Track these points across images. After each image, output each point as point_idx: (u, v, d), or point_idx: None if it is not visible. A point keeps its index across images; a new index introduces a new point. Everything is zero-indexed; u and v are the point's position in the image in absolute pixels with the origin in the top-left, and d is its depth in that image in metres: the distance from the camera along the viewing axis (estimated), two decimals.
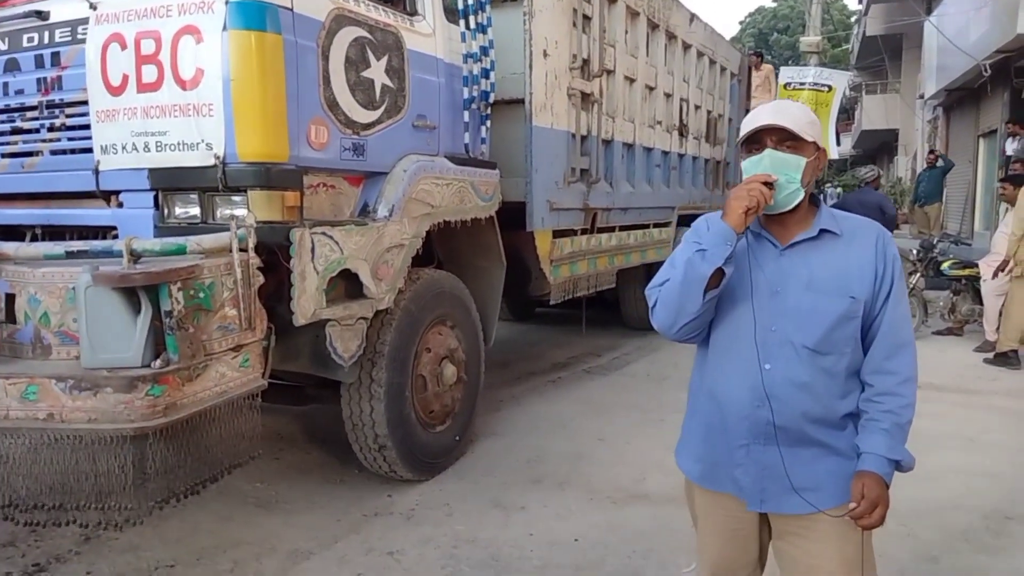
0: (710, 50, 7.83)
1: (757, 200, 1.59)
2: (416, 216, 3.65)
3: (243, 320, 2.78)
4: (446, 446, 4.04)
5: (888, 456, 1.64)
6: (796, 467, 1.67)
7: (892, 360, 1.67)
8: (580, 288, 5.57)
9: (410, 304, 3.67)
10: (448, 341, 3.99)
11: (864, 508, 1.60)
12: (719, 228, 1.61)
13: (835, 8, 29.09)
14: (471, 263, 4.47)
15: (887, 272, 1.68)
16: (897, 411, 1.65)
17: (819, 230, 1.69)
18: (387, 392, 3.53)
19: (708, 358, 1.78)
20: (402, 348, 3.63)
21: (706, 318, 1.70)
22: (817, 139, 1.67)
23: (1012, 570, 3.02)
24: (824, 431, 1.67)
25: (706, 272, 1.59)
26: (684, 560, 3.05)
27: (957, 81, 13.60)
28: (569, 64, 4.95)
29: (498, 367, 6.34)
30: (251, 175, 2.93)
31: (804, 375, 1.64)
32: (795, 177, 1.63)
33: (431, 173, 3.75)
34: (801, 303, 1.65)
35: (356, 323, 3.33)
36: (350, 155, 3.33)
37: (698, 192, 7.87)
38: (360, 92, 3.34)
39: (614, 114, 5.77)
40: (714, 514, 1.83)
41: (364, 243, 3.32)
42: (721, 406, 1.73)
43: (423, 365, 3.81)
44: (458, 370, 4.04)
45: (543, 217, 4.75)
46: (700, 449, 1.83)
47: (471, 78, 4.00)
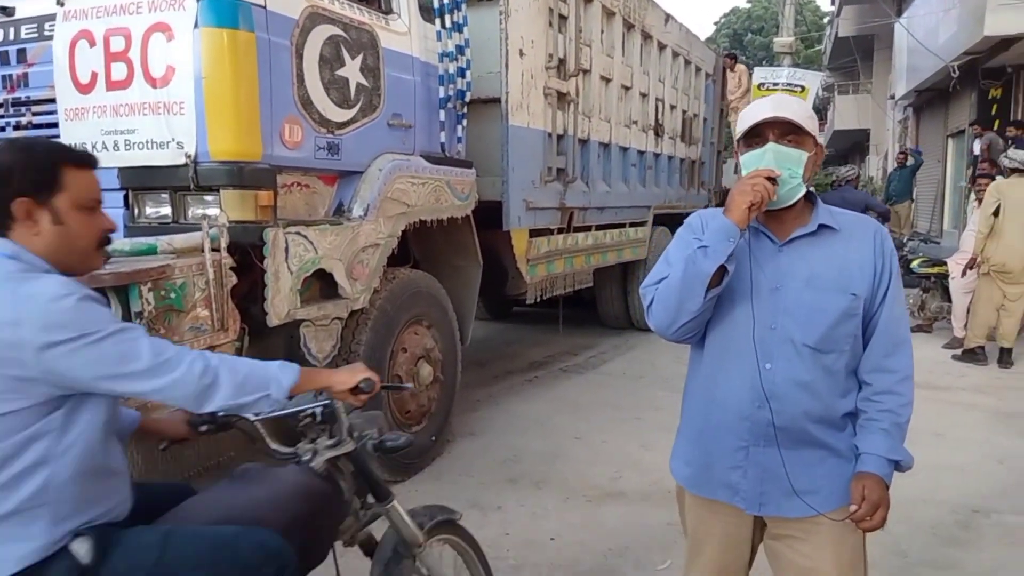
0: (685, 50, 7.90)
1: (761, 195, 1.54)
2: (392, 215, 3.64)
3: (215, 321, 2.75)
4: (423, 446, 4.03)
5: (888, 456, 1.61)
6: (796, 469, 1.63)
7: (891, 358, 1.64)
8: (557, 287, 5.60)
9: (385, 304, 3.66)
10: (424, 341, 3.98)
11: (865, 510, 1.57)
12: (722, 224, 1.55)
13: (808, 9, 29.45)
14: (447, 262, 4.47)
15: (886, 268, 1.65)
16: (896, 410, 1.62)
17: (818, 225, 1.65)
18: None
19: (705, 358, 1.73)
20: (377, 348, 3.61)
21: (705, 317, 1.65)
22: (816, 133, 1.64)
23: (979, 562, 3.08)
24: (825, 431, 1.64)
25: (709, 269, 1.54)
26: (659, 557, 3.11)
27: (927, 82, 13.83)
28: (545, 63, 4.96)
29: (475, 366, 6.34)
30: (223, 174, 2.90)
31: (805, 374, 1.61)
32: (797, 172, 1.59)
33: (407, 172, 3.74)
34: (802, 300, 1.61)
35: (331, 323, 3.31)
36: (325, 154, 3.31)
37: (674, 191, 7.94)
38: (335, 91, 3.32)
39: (590, 113, 5.80)
40: (709, 520, 1.77)
41: (339, 243, 3.31)
42: (720, 407, 1.68)
43: (399, 365, 3.80)
44: (434, 370, 4.03)
45: (520, 216, 4.76)
46: (690, 452, 1.78)
47: (447, 77, 4.00)
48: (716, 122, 9.22)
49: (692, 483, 1.78)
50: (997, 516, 3.47)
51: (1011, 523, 3.38)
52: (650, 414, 5.04)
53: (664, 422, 4.78)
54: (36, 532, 1.37)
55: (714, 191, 9.45)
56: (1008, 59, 11.15)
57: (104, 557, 1.40)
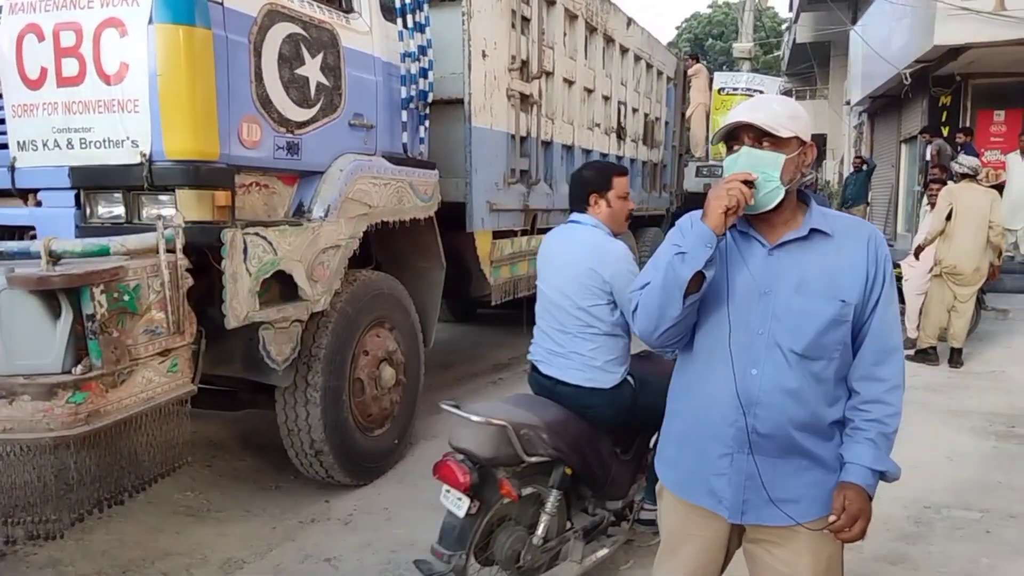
0: (647, 54, 8.00)
1: (737, 200, 1.51)
2: (353, 216, 3.61)
3: (171, 324, 2.70)
4: (385, 449, 4.00)
5: (873, 467, 1.59)
6: (777, 478, 1.61)
7: (880, 366, 1.61)
8: (521, 289, 5.61)
9: (347, 306, 3.62)
10: (386, 343, 3.95)
11: (844, 522, 1.56)
12: (698, 230, 1.54)
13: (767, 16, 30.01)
14: (410, 264, 4.45)
15: (878, 274, 1.61)
16: (884, 420, 1.60)
17: (809, 230, 1.61)
18: (323, 396, 3.47)
19: (691, 362, 1.71)
20: (339, 351, 3.58)
21: (688, 323, 1.63)
22: (800, 133, 1.60)
23: (929, 555, 3.17)
24: (810, 439, 1.61)
25: (686, 276, 1.53)
26: (622, 557, 3.11)
27: (880, 88, 14.19)
28: (508, 65, 4.98)
29: (439, 368, 6.31)
30: (179, 173, 2.84)
31: (792, 381, 1.58)
32: (773, 175, 1.56)
33: (368, 173, 3.71)
34: (790, 306, 1.58)
35: (291, 326, 3.26)
36: (284, 154, 3.26)
37: (636, 194, 8.01)
38: (294, 90, 3.28)
39: (553, 116, 5.83)
40: (689, 523, 1.76)
41: (299, 244, 3.27)
42: (705, 412, 1.66)
43: (360, 368, 3.76)
44: (397, 372, 4.01)
45: (483, 218, 4.77)
46: (675, 455, 1.77)
47: (409, 77, 3.98)
48: (677, 125, 9.36)
49: (677, 487, 1.77)
50: (947, 511, 3.58)
51: (960, 518, 3.46)
52: None
53: None
54: (621, 370, 2.67)
55: (676, 194, 9.59)
56: (957, 68, 11.48)
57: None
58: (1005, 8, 9.54)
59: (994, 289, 7.57)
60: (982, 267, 6.28)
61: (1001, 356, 6.77)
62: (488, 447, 2.33)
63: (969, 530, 3.37)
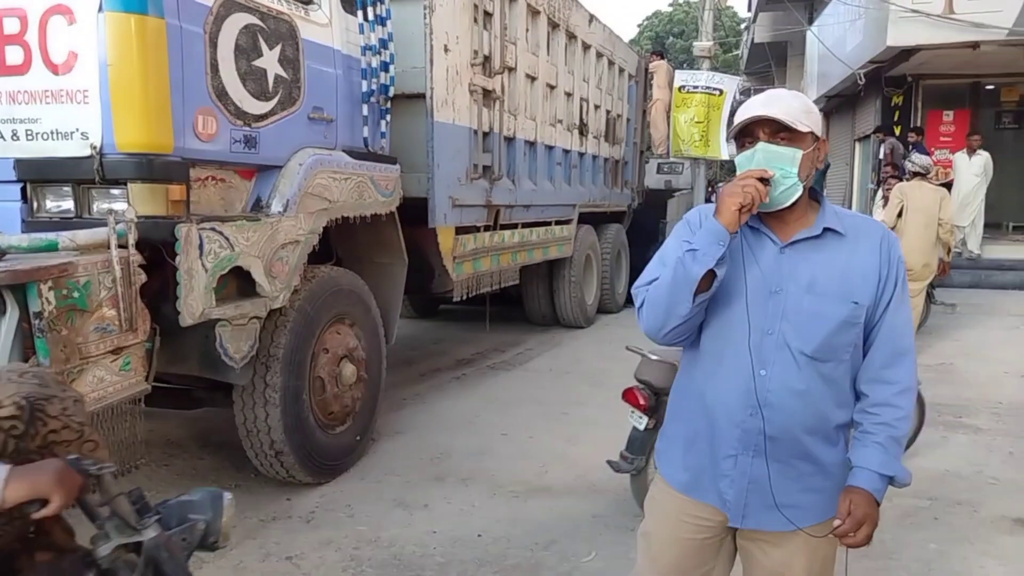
0: (609, 51, 8.04)
1: (752, 197, 1.46)
2: (312, 211, 3.56)
3: (123, 321, 2.63)
4: (347, 446, 3.96)
5: (881, 471, 1.54)
6: (781, 482, 1.57)
7: (891, 369, 1.57)
8: (483, 285, 5.61)
9: (306, 303, 3.57)
10: (347, 340, 3.90)
11: (849, 526, 1.52)
12: (711, 227, 1.48)
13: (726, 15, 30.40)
14: (372, 260, 4.40)
15: (891, 276, 1.56)
16: (893, 423, 1.56)
17: (823, 228, 1.56)
18: (282, 395, 3.42)
19: (698, 361, 1.65)
20: (298, 348, 3.52)
21: (696, 321, 1.57)
22: (815, 128, 1.55)
23: (880, 542, 3.18)
24: (815, 443, 1.57)
25: (697, 274, 1.47)
26: (585, 549, 3.15)
27: (836, 88, 14.47)
28: (470, 60, 4.95)
29: (402, 365, 6.29)
30: (131, 167, 2.77)
31: (801, 382, 1.54)
32: (791, 172, 1.51)
33: (328, 167, 3.66)
34: (801, 306, 1.53)
35: (248, 323, 3.20)
36: (241, 147, 3.20)
37: (598, 190, 8.08)
38: (251, 82, 3.22)
39: (516, 111, 5.83)
40: (683, 523, 1.69)
41: (257, 239, 3.21)
42: (711, 412, 1.60)
43: (321, 366, 3.71)
44: (358, 369, 3.96)
45: (445, 213, 4.74)
46: (686, 457, 1.69)
47: (370, 71, 3.93)
48: (639, 123, 9.43)
49: (686, 488, 1.69)
50: (898, 500, 3.64)
51: (910, 505, 3.53)
52: (575, 409, 5.11)
53: (589, 417, 4.90)
54: None
55: (637, 190, 9.67)
56: (908, 68, 11.74)
57: None
58: (954, 12, 9.78)
59: (943, 284, 7.76)
60: (931, 263, 6.44)
61: (950, 349, 6.93)
62: (662, 379, 3.08)
63: (918, 517, 3.45)
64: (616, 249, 8.75)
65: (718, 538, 1.68)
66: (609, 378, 5.83)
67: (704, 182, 10.68)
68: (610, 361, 6.47)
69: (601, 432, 4.54)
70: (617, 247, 8.80)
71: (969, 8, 9.65)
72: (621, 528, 3.31)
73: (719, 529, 1.67)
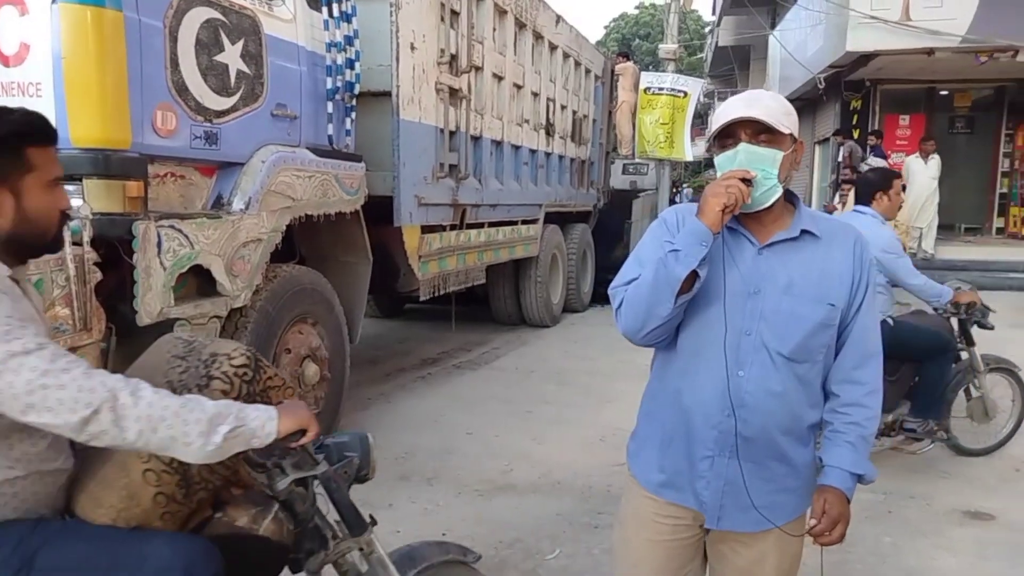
0: (575, 52, 8.07)
1: (735, 197, 1.45)
2: (275, 209, 3.50)
3: (77, 320, 2.56)
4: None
5: (852, 470, 1.58)
6: (755, 483, 1.57)
7: (860, 370, 1.59)
8: (449, 284, 5.59)
9: (268, 302, 3.52)
10: (310, 339, 3.86)
11: (825, 525, 1.54)
12: (694, 227, 1.46)
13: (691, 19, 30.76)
14: (336, 258, 4.36)
15: (863, 279, 1.58)
16: (863, 423, 1.58)
17: (800, 231, 1.57)
18: None
19: (674, 361, 1.63)
20: (260, 348, 3.46)
21: (675, 322, 1.56)
22: (794, 130, 1.55)
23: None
24: (790, 443, 1.59)
25: (680, 274, 1.46)
26: (549, 547, 3.15)
27: (797, 92, 14.69)
28: (437, 58, 4.93)
29: (367, 364, 6.23)
30: (86, 162, 2.70)
31: (778, 383, 1.54)
32: (772, 172, 1.51)
33: (292, 164, 3.61)
34: (779, 307, 1.54)
35: (208, 322, 3.15)
36: (202, 143, 3.14)
37: (564, 190, 8.10)
38: (213, 77, 3.16)
39: (483, 111, 5.82)
40: (660, 525, 1.67)
41: (218, 237, 3.15)
42: (688, 413, 1.59)
43: (283, 366, 3.66)
44: (321, 368, 3.92)
45: (411, 212, 4.71)
46: (661, 459, 1.66)
47: (335, 68, 3.89)
48: (605, 123, 9.49)
49: (662, 489, 1.67)
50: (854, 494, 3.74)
51: (864, 500, 3.50)
52: (541, 408, 5.11)
53: (554, 415, 4.91)
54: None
55: (603, 191, 9.72)
56: (867, 73, 11.97)
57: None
58: (910, 19, 10.01)
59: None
60: None
61: None
62: None
63: (873, 511, 3.49)
64: (582, 249, 8.79)
65: (696, 538, 1.68)
66: (575, 377, 5.92)
67: (669, 183, 10.76)
68: (576, 360, 6.55)
69: (566, 430, 4.55)
70: (583, 247, 8.84)
71: (925, 15, 9.89)
72: (585, 525, 3.31)
73: (696, 529, 1.66)
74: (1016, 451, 4.34)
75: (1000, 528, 3.40)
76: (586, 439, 4.40)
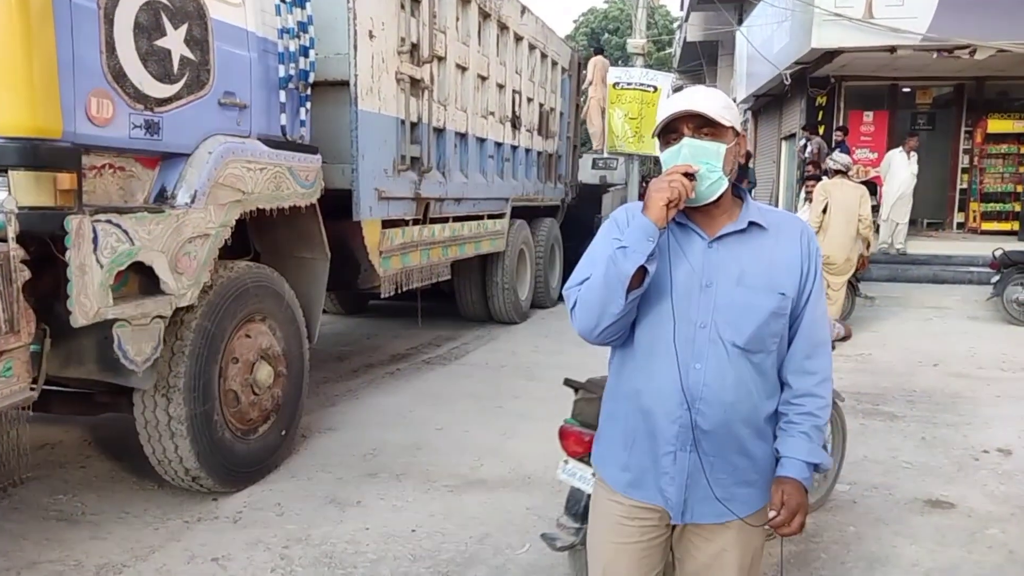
0: (542, 43, 7.93)
1: (679, 192, 1.47)
2: (224, 203, 3.32)
3: (3, 322, 2.37)
4: (267, 447, 3.74)
5: (808, 460, 1.58)
6: (716, 476, 1.59)
7: (812, 360, 1.62)
8: (413, 280, 5.42)
9: (217, 300, 3.33)
10: (260, 340, 3.66)
11: (784, 517, 1.56)
12: (640, 223, 1.49)
13: (660, 14, 30.79)
14: (292, 254, 4.19)
15: (811, 269, 1.61)
16: (816, 413, 1.61)
17: (748, 223, 1.60)
18: (188, 399, 3.18)
19: (630, 359, 1.64)
20: (207, 348, 3.29)
21: (629, 319, 1.57)
22: (735, 123, 1.58)
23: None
24: (748, 434, 1.60)
25: (628, 270, 1.47)
26: (518, 542, 3.10)
27: (764, 88, 14.77)
28: (397, 47, 4.76)
29: (335, 361, 6.14)
30: (12, 152, 2.51)
31: (734, 374, 1.56)
32: (716, 166, 1.53)
33: (241, 156, 3.43)
34: (733, 299, 1.56)
35: (151, 323, 2.95)
36: (142, 133, 2.95)
37: (531, 184, 7.97)
38: (154, 63, 2.97)
39: (446, 102, 5.66)
40: (628, 528, 1.67)
41: (160, 232, 2.97)
42: (648, 410, 1.60)
43: (232, 369, 3.46)
44: (276, 366, 3.74)
45: (371, 206, 4.55)
46: (626, 457, 1.67)
47: (287, 55, 3.71)
48: (572, 117, 9.36)
49: (629, 488, 1.67)
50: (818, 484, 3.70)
51: (833, 491, 3.55)
52: (511, 403, 5.04)
53: (524, 410, 4.87)
54: None
55: (571, 185, 9.61)
56: (831, 70, 12.07)
57: None
58: (873, 16, 10.09)
59: (865, 278, 7.99)
60: (852, 257, 6.63)
61: (869, 340, 7.14)
62: None
63: (838, 501, 3.51)
64: (550, 244, 8.68)
65: (663, 538, 1.68)
66: (545, 371, 5.87)
67: (638, 177, 10.73)
68: (546, 355, 6.52)
69: (536, 425, 4.48)
70: (551, 241, 8.73)
71: (887, 13, 9.99)
72: (555, 520, 3.24)
73: (662, 528, 1.67)
74: (975, 441, 4.40)
75: (959, 515, 3.43)
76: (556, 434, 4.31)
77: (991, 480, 3.83)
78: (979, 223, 12.78)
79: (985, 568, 2.96)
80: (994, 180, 12.78)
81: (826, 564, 2.97)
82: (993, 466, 4.02)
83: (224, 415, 3.40)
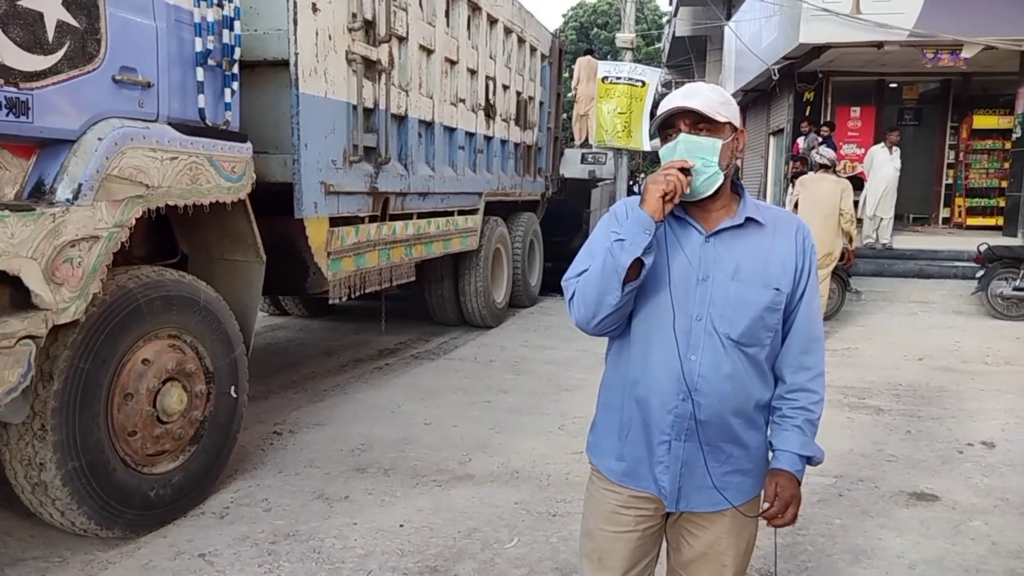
0: (519, 27, 7.22)
1: (674, 185, 1.48)
2: (120, 199, 2.71)
3: None
4: (193, 475, 3.16)
5: (801, 453, 1.61)
6: (712, 465, 1.60)
7: (807, 355, 1.63)
8: (370, 283, 4.78)
9: (109, 313, 2.72)
10: (164, 359, 3.00)
11: (777, 508, 1.58)
12: (637, 216, 1.49)
13: (649, 8, 30.08)
14: (223, 257, 3.57)
15: (806, 265, 1.62)
16: (810, 407, 1.62)
17: (745, 218, 1.60)
18: (69, 433, 2.59)
19: (627, 350, 1.64)
20: (94, 373, 2.68)
21: (626, 310, 1.58)
22: (733, 119, 1.58)
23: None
24: (742, 425, 1.61)
25: (625, 262, 1.48)
26: (507, 536, 2.99)
27: (752, 83, 14.26)
28: (348, 24, 4.12)
29: (323, 356, 5.99)
30: None
31: (729, 366, 1.57)
32: (712, 161, 1.54)
33: (144, 143, 2.80)
34: (728, 293, 1.57)
35: (17, 345, 2.34)
36: (4, 114, 2.33)
37: (507, 178, 7.30)
38: (19, 28, 2.35)
39: (408, 87, 5.00)
40: (624, 517, 1.67)
41: (30, 235, 2.36)
42: (644, 400, 1.61)
43: (125, 406, 2.84)
44: (193, 386, 3.12)
45: (316, 202, 3.93)
46: (620, 447, 1.67)
47: (204, 25, 3.08)
48: (554, 107, 8.68)
49: (624, 477, 1.67)
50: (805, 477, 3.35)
51: (816, 483, 3.44)
52: (499, 397, 4.87)
53: (512, 404, 4.73)
54: None
55: (552, 179, 8.98)
56: (819, 65, 11.74)
57: None
58: (860, 12, 9.87)
59: (853, 272, 7.86)
60: (833, 252, 6.46)
61: (855, 334, 6.91)
62: None
63: (824, 494, 3.44)
64: (528, 240, 8.03)
65: (657, 528, 1.69)
66: (533, 366, 5.74)
67: (627, 172, 10.36)
68: (535, 349, 6.32)
69: (525, 420, 4.39)
70: (530, 238, 8.09)
71: (875, 9, 9.83)
72: (543, 515, 3.21)
73: (657, 518, 1.67)
74: (959, 434, 4.31)
75: (943, 508, 3.37)
76: (544, 428, 4.28)
77: (975, 473, 3.76)
78: (964, 218, 12.58)
79: (969, 559, 2.90)
80: (979, 175, 12.58)
81: (812, 556, 2.92)
82: (977, 459, 3.94)
83: (109, 433, 2.79)
